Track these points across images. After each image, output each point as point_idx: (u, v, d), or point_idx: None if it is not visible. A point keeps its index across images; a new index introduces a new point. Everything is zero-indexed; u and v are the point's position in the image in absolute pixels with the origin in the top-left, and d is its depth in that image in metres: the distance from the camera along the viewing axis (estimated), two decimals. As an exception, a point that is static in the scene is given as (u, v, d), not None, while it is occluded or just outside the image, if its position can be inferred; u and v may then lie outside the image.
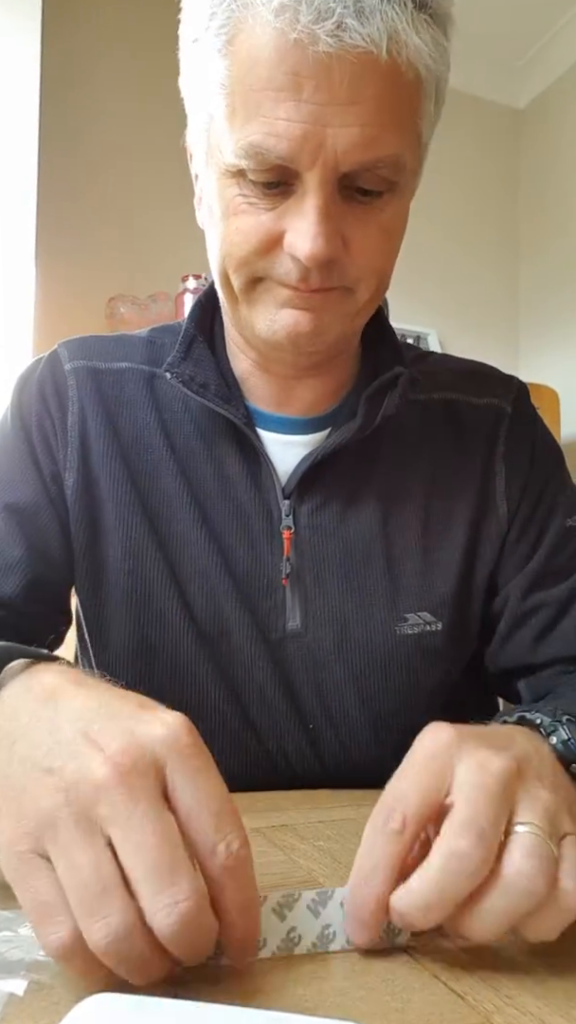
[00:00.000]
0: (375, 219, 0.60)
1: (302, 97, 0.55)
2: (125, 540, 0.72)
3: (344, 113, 0.55)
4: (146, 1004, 0.31)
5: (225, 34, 0.57)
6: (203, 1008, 0.31)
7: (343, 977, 0.37)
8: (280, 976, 0.37)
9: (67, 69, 2.43)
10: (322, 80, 0.54)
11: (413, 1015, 0.34)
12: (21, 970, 0.36)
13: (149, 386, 0.76)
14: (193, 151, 0.67)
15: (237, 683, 0.72)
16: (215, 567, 0.71)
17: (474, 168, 3.17)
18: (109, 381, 0.76)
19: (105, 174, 2.51)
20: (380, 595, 0.73)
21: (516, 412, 0.80)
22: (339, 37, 0.53)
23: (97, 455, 0.73)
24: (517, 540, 0.76)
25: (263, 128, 0.56)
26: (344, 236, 0.59)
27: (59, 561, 0.73)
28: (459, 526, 0.75)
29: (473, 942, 0.38)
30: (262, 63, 0.55)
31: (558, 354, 2.99)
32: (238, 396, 0.74)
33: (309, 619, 0.72)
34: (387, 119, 0.56)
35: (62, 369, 0.76)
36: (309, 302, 0.62)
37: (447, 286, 3.08)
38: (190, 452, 0.74)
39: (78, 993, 0.32)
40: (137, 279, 2.46)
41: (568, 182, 3.00)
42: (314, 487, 0.73)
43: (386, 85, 0.56)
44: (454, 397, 0.80)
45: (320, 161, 0.56)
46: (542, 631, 0.74)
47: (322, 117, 0.55)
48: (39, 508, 0.73)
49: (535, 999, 0.36)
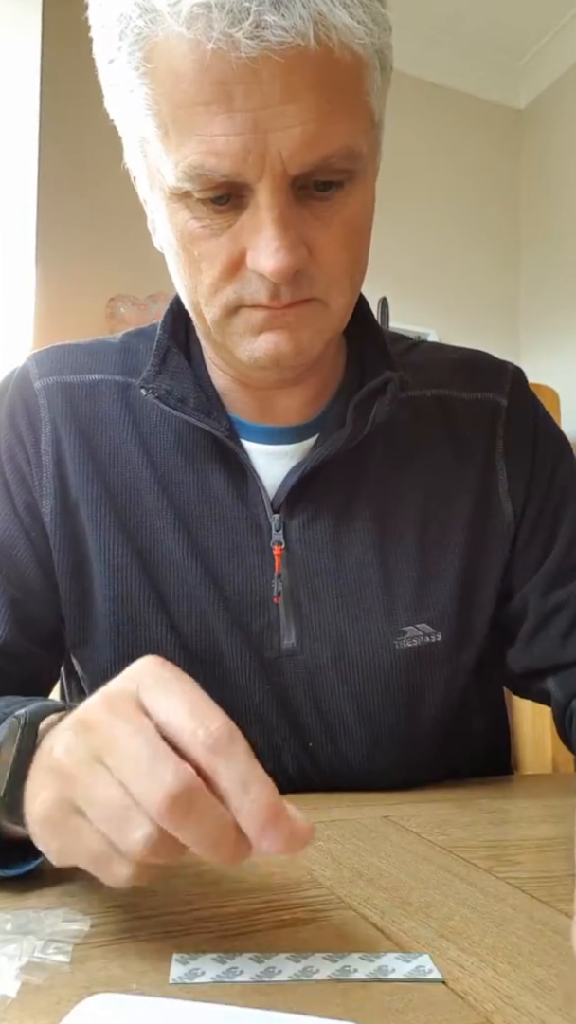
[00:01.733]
0: (337, 215, 0.57)
1: (234, 107, 0.51)
2: (109, 565, 0.69)
3: (282, 115, 0.51)
4: (146, 1004, 0.31)
5: (140, 52, 0.53)
6: (203, 1008, 0.31)
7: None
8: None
9: (68, 68, 2.43)
10: (251, 84, 0.50)
11: (413, 1015, 0.34)
12: (14, 972, 0.36)
13: (124, 398, 0.72)
14: (136, 174, 0.63)
15: (233, 705, 0.69)
16: (203, 588, 0.69)
17: (474, 168, 3.17)
18: (82, 395, 0.72)
19: (105, 174, 2.51)
20: (377, 609, 0.70)
21: (512, 404, 0.77)
22: (260, 37, 0.48)
23: (74, 476, 0.70)
24: (529, 539, 0.74)
25: (200, 147, 0.52)
26: (307, 242, 0.56)
27: (42, 596, 0.70)
28: (458, 531, 0.73)
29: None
30: (184, 78, 0.51)
31: (558, 354, 2.99)
32: (219, 408, 0.70)
33: (304, 637, 0.70)
34: (330, 110, 0.52)
35: (32, 388, 0.72)
36: (284, 320, 0.58)
37: (447, 286, 3.08)
38: (171, 467, 0.70)
39: (78, 993, 0.32)
40: (137, 279, 2.46)
41: (568, 182, 3.00)
42: (304, 500, 0.70)
43: (322, 74, 0.51)
44: (446, 394, 0.77)
45: (267, 170, 0.52)
46: (569, 628, 0.72)
47: (260, 123, 0.51)
48: (15, 541, 0.69)
49: (535, 999, 0.36)
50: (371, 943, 0.41)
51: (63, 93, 2.39)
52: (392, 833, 0.59)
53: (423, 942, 0.41)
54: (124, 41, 0.53)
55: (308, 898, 0.46)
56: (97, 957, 0.38)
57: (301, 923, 0.43)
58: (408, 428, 0.74)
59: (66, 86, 2.42)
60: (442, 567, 0.72)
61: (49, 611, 0.71)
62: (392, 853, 0.54)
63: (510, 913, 0.45)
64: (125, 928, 0.42)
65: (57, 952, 0.38)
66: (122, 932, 0.41)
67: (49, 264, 2.24)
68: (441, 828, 0.60)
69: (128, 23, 0.52)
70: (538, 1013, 0.34)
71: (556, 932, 0.42)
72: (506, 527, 0.74)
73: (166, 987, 0.35)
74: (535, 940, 0.41)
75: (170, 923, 0.43)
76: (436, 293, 3.03)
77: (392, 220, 2.83)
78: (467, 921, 0.44)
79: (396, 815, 0.63)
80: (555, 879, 0.50)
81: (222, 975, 0.37)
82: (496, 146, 3.22)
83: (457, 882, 0.49)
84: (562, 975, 0.38)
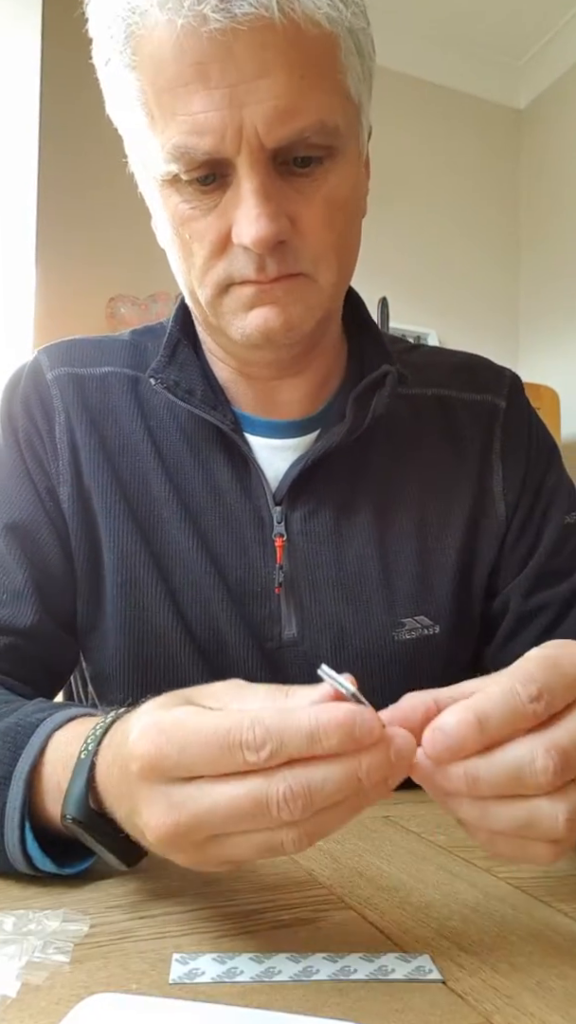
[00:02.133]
0: (319, 190, 0.58)
1: (211, 85, 0.53)
2: (118, 552, 0.70)
3: (255, 89, 0.53)
4: (146, 1004, 0.31)
5: (130, 47, 0.56)
6: (203, 1008, 0.31)
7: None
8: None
9: (68, 69, 2.43)
10: (225, 61, 0.53)
11: (413, 1015, 0.34)
12: (14, 972, 0.36)
13: (133, 391, 0.74)
14: (137, 174, 0.65)
15: None
16: (207, 576, 0.70)
17: (474, 168, 3.17)
18: (92, 387, 0.74)
19: (106, 173, 2.51)
20: (376, 601, 0.71)
21: (510, 408, 0.79)
22: (226, 10, 0.51)
23: (87, 465, 0.71)
24: (516, 541, 0.76)
25: (182, 127, 0.55)
26: (291, 215, 0.58)
27: (63, 579, 0.71)
28: (456, 526, 0.74)
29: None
30: (166, 62, 0.54)
31: (558, 354, 2.99)
32: (224, 401, 0.72)
33: (305, 627, 0.71)
34: (302, 84, 0.54)
35: (44, 379, 0.74)
36: (272, 294, 0.60)
37: (447, 286, 3.08)
38: (178, 459, 0.72)
39: (78, 993, 0.32)
40: (137, 279, 2.46)
41: (568, 182, 3.00)
42: (305, 493, 0.71)
43: (293, 49, 0.54)
44: (446, 393, 0.78)
45: (244, 144, 0.54)
46: (545, 631, 0.74)
47: (235, 98, 0.53)
48: (39, 525, 0.70)
49: (535, 999, 0.36)
50: (371, 943, 0.41)
51: (63, 93, 2.39)
52: (392, 833, 0.59)
53: (423, 942, 0.41)
54: (115, 40, 0.57)
55: (308, 898, 0.46)
56: (97, 957, 0.38)
57: (301, 923, 0.43)
58: (408, 425, 0.76)
59: (66, 86, 2.42)
60: (441, 561, 0.74)
61: (70, 595, 0.72)
62: (392, 853, 0.54)
63: (510, 913, 0.45)
64: (125, 928, 0.42)
65: (57, 952, 0.38)
66: (122, 932, 0.41)
67: (49, 264, 2.24)
68: (441, 828, 0.60)
69: (116, 22, 0.56)
70: (538, 1013, 0.34)
71: (556, 932, 0.42)
72: (498, 526, 0.76)
73: (166, 987, 0.35)
74: (535, 940, 0.41)
75: (170, 923, 0.43)
76: (436, 293, 3.03)
77: (392, 220, 2.83)
78: (467, 921, 0.44)
79: (396, 815, 0.63)
80: (555, 879, 0.50)
81: (222, 975, 0.36)
82: (496, 146, 3.22)
83: (457, 882, 0.49)
84: (562, 975, 0.38)
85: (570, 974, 0.38)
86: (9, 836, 0.48)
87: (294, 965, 0.38)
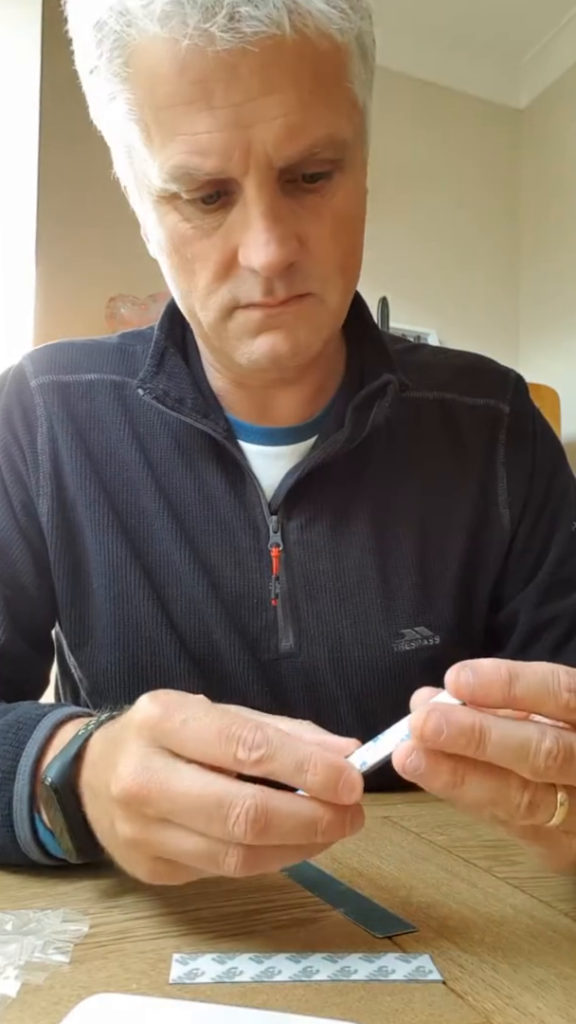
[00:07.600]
0: (327, 206, 0.56)
1: (215, 104, 0.50)
2: (107, 565, 0.68)
3: (263, 107, 0.50)
4: (146, 1004, 0.31)
5: (119, 57, 0.52)
6: (203, 1008, 0.31)
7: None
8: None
9: (68, 69, 2.43)
10: (230, 79, 0.50)
11: (413, 1015, 0.34)
12: (14, 972, 0.36)
13: (120, 399, 0.72)
14: (125, 183, 0.63)
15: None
16: (201, 588, 0.68)
17: (474, 168, 3.16)
18: (78, 395, 0.71)
19: (105, 174, 2.51)
20: (375, 612, 0.70)
21: (515, 412, 0.76)
22: (235, 30, 0.48)
23: (71, 476, 0.69)
24: (523, 550, 0.74)
25: (184, 147, 0.52)
26: (299, 234, 0.55)
27: (36, 597, 0.70)
28: (457, 535, 0.72)
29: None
30: (163, 79, 0.51)
31: (558, 354, 2.99)
32: (217, 409, 0.69)
33: (303, 639, 0.69)
34: (311, 100, 0.51)
35: (28, 387, 0.72)
36: (281, 318, 0.58)
37: (447, 286, 3.08)
38: (169, 468, 0.70)
39: (78, 993, 0.32)
40: (137, 279, 2.45)
41: (568, 182, 3.00)
42: (302, 502, 0.69)
43: (300, 64, 0.51)
44: (449, 397, 0.76)
45: (252, 165, 0.52)
46: (558, 643, 0.72)
47: (241, 118, 0.50)
48: (10, 542, 0.69)
49: (535, 999, 0.36)
50: (371, 943, 0.41)
51: (63, 93, 2.38)
52: (392, 833, 0.59)
53: (423, 942, 0.41)
54: (103, 48, 0.53)
55: (308, 898, 0.46)
56: (97, 957, 0.38)
57: (301, 923, 0.43)
58: (409, 430, 0.74)
59: (66, 87, 2.42)
60: (441, 571, 0.72)
61: (43, 613, 0.71)
62: (392, 853, 0.54)
63: (510, 913, 0.45)
64: (125, 928, 0.42)
65: (57, 952, 0.38)
66: (122, 932, 0.41)
67: (49, 264, 2.24)
68: (441, 828, 0.60)
69: (105, 30, 0.52)
70: (538, 1013, 0.34)
71: (556, 932, 0.42)
72: (503, 536, 0.74)
73: (166, 987, 0.35)
74: (535, 940, 0.41)
75: (170, 923, 0.43)
76: (436, 293, 3.03)
77: (392, 220, 2.83)
78: (467, 921, 0.44)
79: (396, 815, 0.63)
80: (555, 879, 0.50)
81: (222, 975, 0.36)
82: (496, 146, 3.22)
83: (457, 882, 0.49)
84: (562, 975, 0.38)
85: (570, 974, 0.38)
86: (19, 829, 0.48)
87: (294, 965, 0.38)
